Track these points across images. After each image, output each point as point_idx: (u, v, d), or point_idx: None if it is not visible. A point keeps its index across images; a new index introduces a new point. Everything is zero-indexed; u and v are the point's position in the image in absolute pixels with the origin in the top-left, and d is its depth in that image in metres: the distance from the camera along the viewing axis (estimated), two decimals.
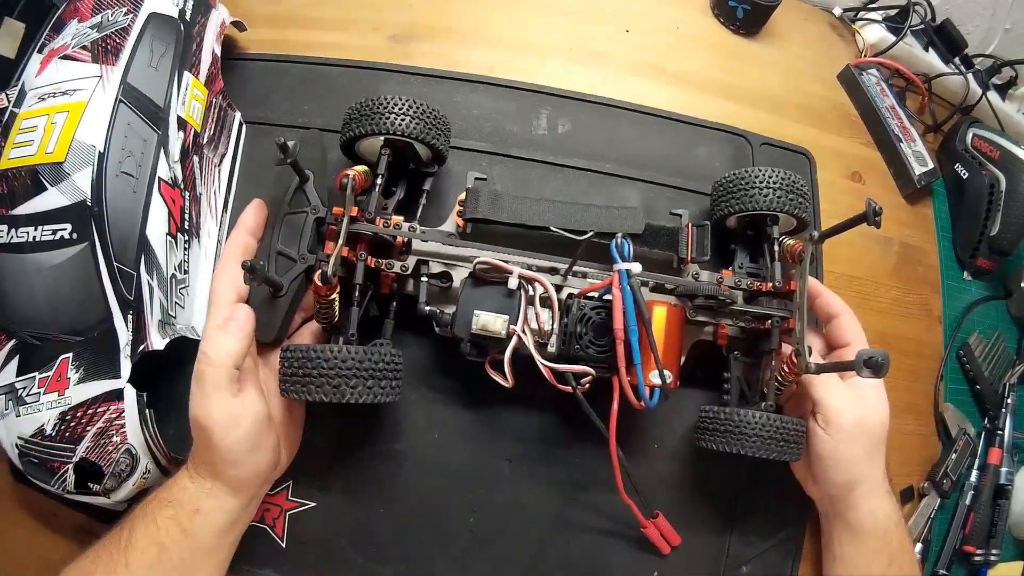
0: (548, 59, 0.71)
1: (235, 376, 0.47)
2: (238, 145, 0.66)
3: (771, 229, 0.58)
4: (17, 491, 0.59)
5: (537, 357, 0.50)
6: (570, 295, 0.52)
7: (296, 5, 0.72)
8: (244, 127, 0.67)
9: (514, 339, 0.50)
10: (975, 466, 0.75)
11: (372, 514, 0.57)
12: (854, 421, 0.54)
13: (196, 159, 0.60)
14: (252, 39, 0.69)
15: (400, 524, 0.57)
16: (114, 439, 0.51)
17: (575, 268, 0.53)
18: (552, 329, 0.52)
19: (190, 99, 0.60)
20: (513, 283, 0.51)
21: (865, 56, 0.81)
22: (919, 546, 0.69)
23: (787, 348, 0.54)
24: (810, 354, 0.53)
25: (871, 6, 0.86)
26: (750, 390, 0.57)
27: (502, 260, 0.52)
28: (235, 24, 0.68)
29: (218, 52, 0.64)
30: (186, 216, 0.58)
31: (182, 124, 0.58)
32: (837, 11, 0.85)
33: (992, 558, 0.74)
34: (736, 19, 0.76)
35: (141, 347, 0.51)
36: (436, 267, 0.54)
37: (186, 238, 0.58)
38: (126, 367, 0.51)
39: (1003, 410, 0.77)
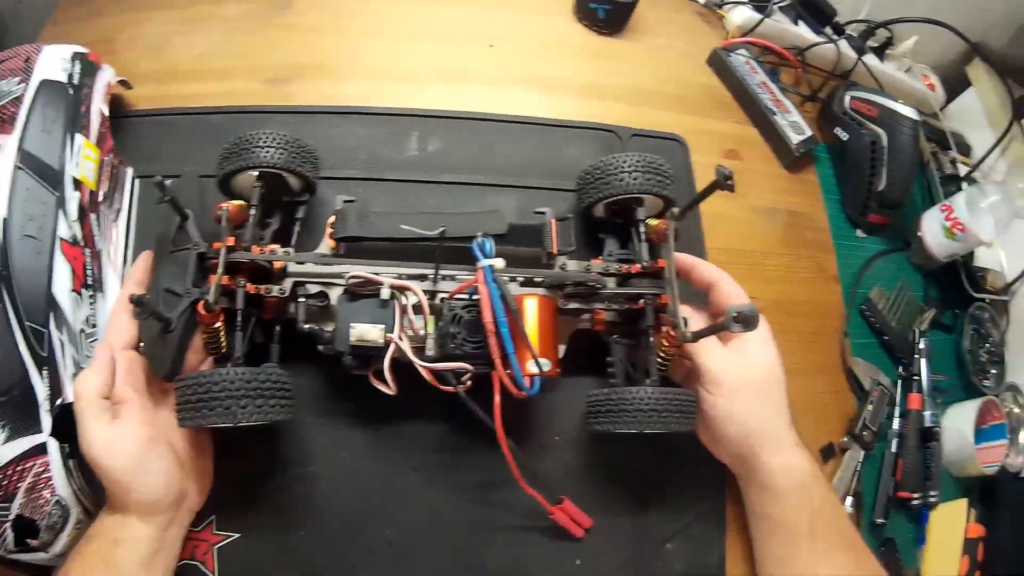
0: (418, 83, 0.75)
1: (104, 406, 0.51)
2: (132, 200, 0.69)
3: (636, 212, 0.61)
4: None
5: (415, 360, 0.53)
6: (441, 298, 0.56)
7: (178, 60, 0.76)
8: (136, 182, 0.70)
9: (392, 346, 0.53)
10: (895, 414, 0.78)
11: (295, 538, 0.59)
12: (736, 378, 0.56)
13: (93, 217, 0.62)
14: (139, 95, 0.73)
15: (323, 545, 0.59)
16: (44, 493, 0.52)
17: (444, 272, 0.57)
18: (428, 332, 0.55)
19: (83, 160, 0.62)
20: (386, 293, 0.54)
21: (732, 38, 0.86)
22: (849, 499, 0.72)
23: (666, 323, 0.57)
24: (687, 325, 0.56)
25: None
26: (635, 370, 0.60)
27: (373, 273, 0.55)
28: (121, 83, 0.71)
29: (106, 112, 0.67)
30: (89, 272, 0.60)
31: (77, 184, 0.60)
32: None
33: (932, 499, 0.77)
34: (599, 20, 0.81)
35: (58, 400, 0.53)
36: (313, 287, 0.57)
37: (91, 293, 0.60)
38: (46, 421, 0.52)
39: (916, 356, 0.80)
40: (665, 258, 0.57)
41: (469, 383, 0.55)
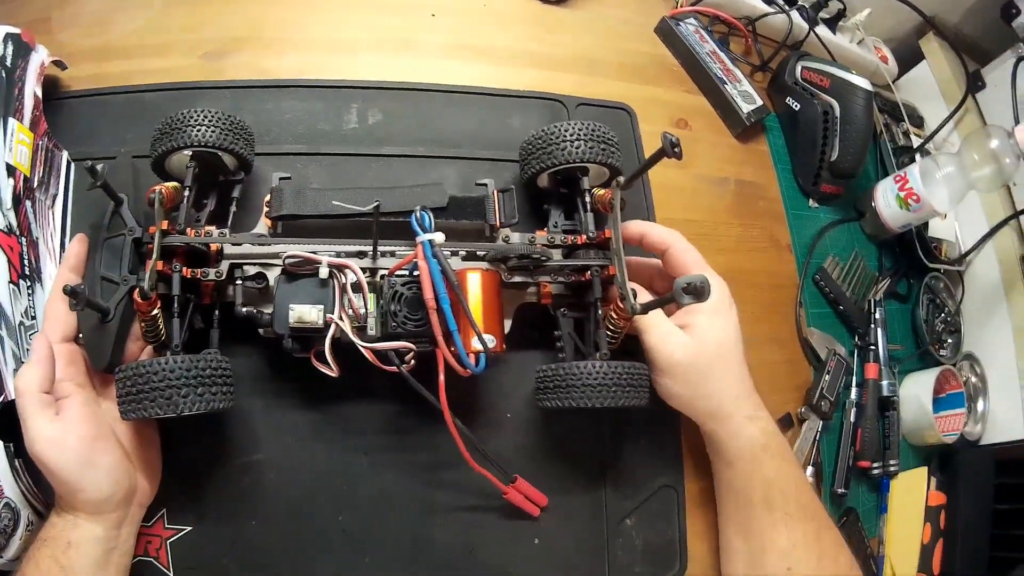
0: (358, 54, 0.74)
1: (46, 401, 0.49)
2: (68, 184, 0.67)
3: (581, 181, 0.61)
4: None
5: (356, 340, 0.53)
6: (381, 275, 0.55)
7: (115, 36, 0.74)
8: (72, 165, 0.67)
9: (332, 327, 0.52)
10: (853, 384, 0.79)
11: (247, 528, 0.59)
12: (681, 357, 0.57)
13: (29, 204, 0.60)
14: (74, 76, 0.71)
15: (275, 533, 0.59)
16: None
17: (384, 249, 0.56)
18: (369, 311, 0.54)
19: (16, 144, 0.60)
20: (324, 272, 0.53)
21: (681, 7, 0.86)
22: (810, 469, 0.73)
23: (615, 295, 0.57)
24: (636, 297, 0.56)
25: None
26: (584, 344, 0.59)
27: (311, 252, 0.54)
28: (56, 63, 0.69)
29: (40, 94, 0.65)
30: (26, 262, 0.58)
31: (11, 171, 0.58)
32: None
33: (892, 468, 0.78)
34: None
35: (1, 398, 0.52)
36: (251, 269, 0.56)
37: (29, 284, 0.58)
38: None
39: (872, 326, 0.82)
40: (611, 228, 0.57)
41: (412, 363, 0.54)
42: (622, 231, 0.58)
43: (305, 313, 0.52)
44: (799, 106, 0.85)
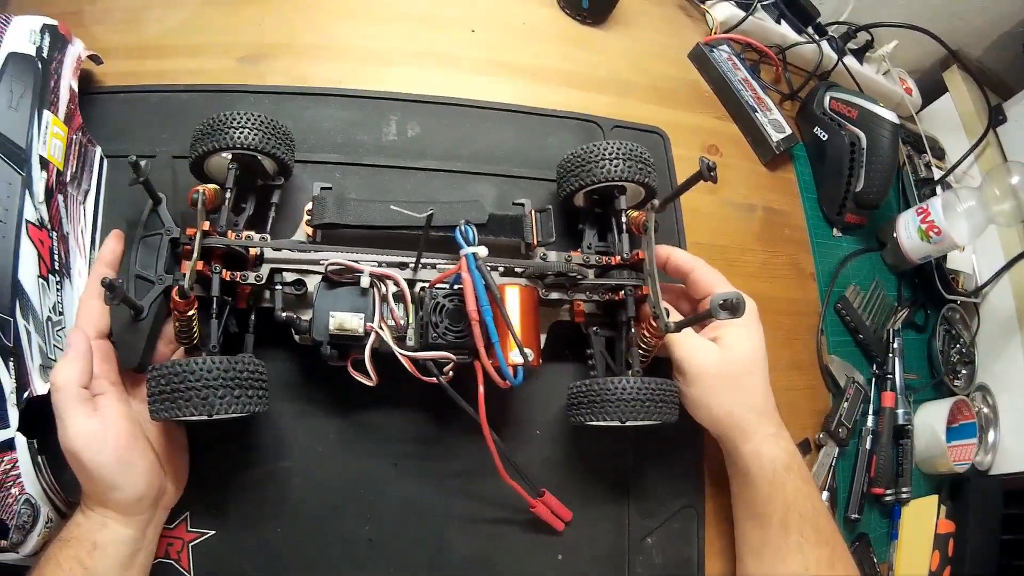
0: (396, 66, 0.75)
1: (85, 396, 0.49)
2: (100, 180, 0.67)
3: (617, 201, 0.62)
4: None
5: (396, 350, 0.53)
6: (422, 287, 0.56)
7: (151, 35, 0.75)
8: (105, 161, 0.68)
9: (372, 336, 0.53)
10: (870, 412, 0.81)
11: (271, 534, 0.59)
12: (708, 371, 0.58)
13: (61, 198, 0.60)
14: (109, 71, 0.71)
15: (300, 541, 0.59)
16: (12, 491, 0.50)
17: (425, 261, 0.57)
18: (408, 322, 0.55)
19: (51, 138, 0.59)
20: (365, 281, 0.54)
21: (715, 33, 0.88)
22: (825, 494, 0.74)
23: (647, 314, 0.58)
24: (668, 315, 0.57)
25: None
26: (615, 361, 0.61)
27: (352, 260, 0.55)
28: (91, 58, 0.69)
29: (75, 88, 0.65)
30: (56, 256, 0.58)
31: (44, 164, 0.58)
32: None
33: (904, 496, 0.79)
34: (582, 9, 0.81)
35: (25, 394, 0.51)
36: (290, 275, 0.57)
37: (58, 279, 0.58)
38: (14, 416, 0.50)
39: (890, 355, 0.83)
40: (645, 249, 0.58)
41: (451, 374, 0.55)
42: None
43: (346, 321, 0.53)
44: (827, 136, 0.86)
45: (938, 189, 0.93)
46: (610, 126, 0.74)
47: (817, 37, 0.94)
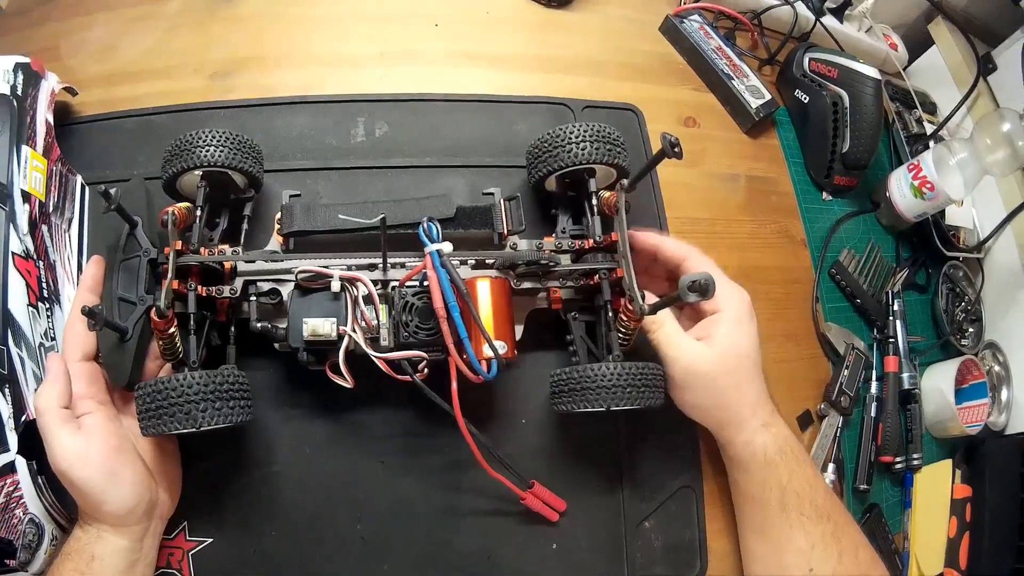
0: (364, 68, 0.76)
1: (66, 416, 0.52)
2: (83, 207, 0.69)
3: (588, 184, 0.62)
4: None
5: (369, 352, 0.54)
6: (393, 287, 0.57)
7: (125, 61, 0.76)
8: (86, 189, 0.70)
9: (346, 339, 0.54)
10: (872, 378, 0.80)
11: (267, 538, 0.61)
12: (697, 370, 0.58)
13: (45, 228, 0.63)
14: (85, 101, 0.74)
15: (294, 543, 0.61)
16: (16, 512, 0.53)
17: (395, 260, 0.57)
18: (380, 323, 0.56)
19: (31, 171, 0.62)
20: (336, 286, 0.55)
21: (684, 4, 0.87)
22: (831, 466, 0.74)
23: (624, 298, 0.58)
24: (644, 299, 0.57)
25: None
26: (597, 346, 0.61)
27: (322, 266, 0.56)
28: (66, 89, 0.71)
29: (51, 120, 0.67)
30: (44, 285, 0.61)
31: (26, 197, 0.61)
32: None
33: (915, 462, 0.79)
34: None
35: (23, 417, 0.54)
36: (264, 285, 0.58)
37: (47, 306, 0.61)
38: (13, 440, 0.53)
39: (891, 318, 0.82)
40: (618, 231, 0.58)
41: (426, 371, 0.56)
42: (635, 241, 0.60)
43: (319, 326, 0.54)
44: (808, 98, 0.85)
45: (931, 144, 0.91)
46: (581, 107, 0.74)
47: None
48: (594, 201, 0.62)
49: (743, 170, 0.80)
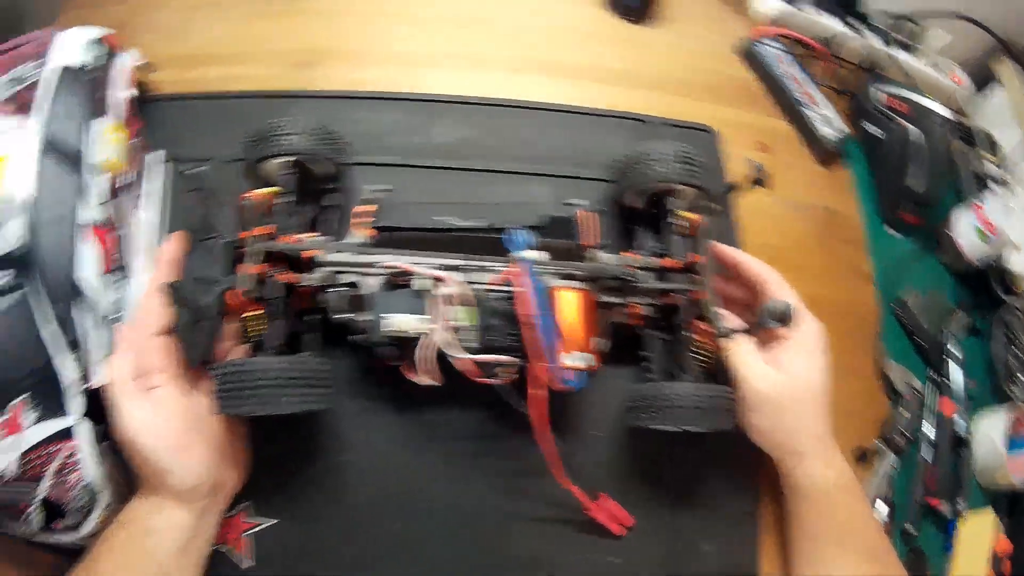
0: (447, 68, 0.76)
1: (137, 387, 0.52)
2: (158, 183, 0.70)
3: (670, 203, 0.62)
4: None
5: (450, 352, 0.54)
6: (478, 289, 0.56)
7: (197, 44, 0.77)
8: (163, 166, 0.71)
9: (427, 338, 0.54)
10: (928, 420, 0.79)
11: (328, 527, 0.61)
12: (768, 393, 0.58)
13: (119, 201, 0.64)
14: (162, 79, 0.74)
15: (356, 534, 0.61)
16: (71, 477, 0.54)
17: (481, 264, 0.57)
18: (464, 324, 0.55)
19: (107, 144, 0.63)
20: (421, 284, 0.55)
21: (761, 28, 0.87)
22: (882, 505, 0.73)
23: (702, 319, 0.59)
24: (722, 321, 0.58)
25: None
26: (672, 365, 0.61)
27: (408, 263, 0.56)
28: (143, 67, 0.72)
29: (130, 95, 0.68)
30: (115, 256, 0.62)
31: (103, 168, 0.62)
32: None
33: (960, 509, 0.78)
34: (626, 6, 0.82)
35: (87, 384, 0.55)
36: (347, 277, 0.58)
37: (117, 277, 0.62)
38: (76, 405, 0.54)
39: (948, 360, 0.81)
40: (700, 253, 0.59)
41: (511, 376, 0.56)
42: (717, 254, 0.61)
43: (401, 322, 0.54)
44: (880, 132, 0.85)
45: (992, 185, 0.91)
46: (657, 124, 0.75)
47: (862, 28, 0.93)
48: (676, 220, 0.62)
49: (814, 200, 0.80)
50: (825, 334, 0.61)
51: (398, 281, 0.56)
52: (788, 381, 0.58)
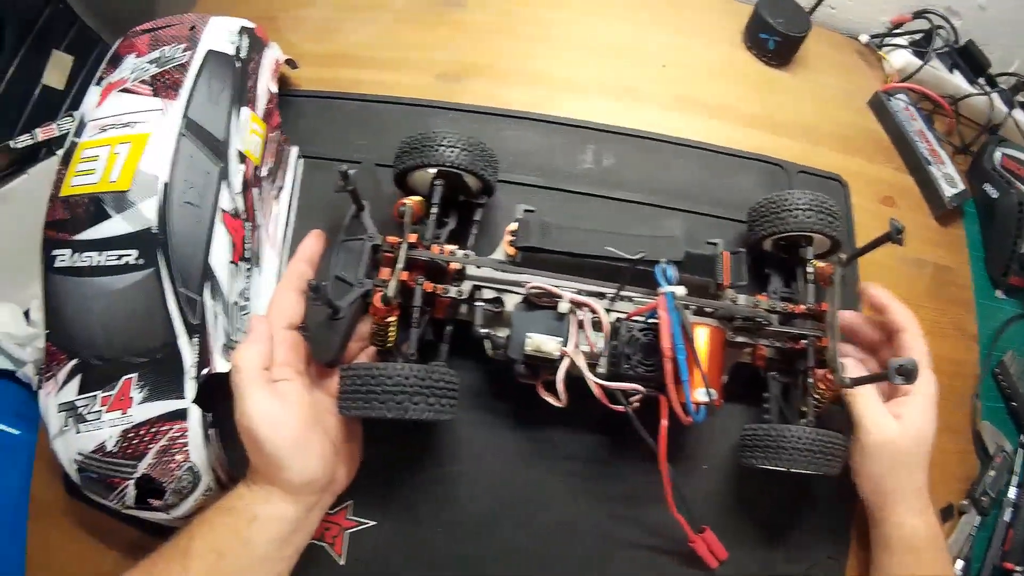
0: (589, 95, 0.78)
1: (265, 378, 0.53)
2: (295, 178, 0.72)
3: (804, 251, 0.64)
4: (71, 506, 0.63)
5: (589, 376, 0.57)
6: (618, 318, 0.59)
7: (346, 45, 0.80)
8: (300, 161, 0.73)
9: (566, 360, 0.57)
10: (1013, 483, 0.80)
11: (430, 533, 0.62)
12: (883, 439, 0.60)
13: (255, 191, 0.65)
14: (304, 76, 0.77)
15: (456, 544, 0.63)
16: (176, 457, 0.54)
17: (621, 292, 0.60)
18: (601, 350, 0.58)
19: (249, 133, 0.64)
20: (564, 307, 0.58)
21: (892, 82, 0.89)
22: (960, 563, 0.75)
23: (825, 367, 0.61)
24: (844, 371, 0.60)
25: (896, 32, 0.94)
26: (789, 408, 0.63)
27: (553, 285, 0.58)
28: (287, 62, 0.74)
29: (274, 89, 0.70)
30: (247, 245, 0.62)
31: (242, 157, 0.63)
32: (864, 38, 0.92)
33: None
34: (768, 51, 0.84)
35: (205, 370, 0.56)
36: (489, 292, 0.60)
37: (248, 266, 0.63)
38: (191, 388, 0.55)
39: None
40: (829, 302, 0.61)
41: (636, 404, 0.58)
42: (867, 295, 0.64)
43: (543, 344, 0.56)
44: (996, 194, 0.86)
45: None
46: (795, 171, 0.76)
47: (989, 89, 0.93)
48: (809, 268, 0.64)
49: (929, 256, 0.81)
50: (936, 389, 0.63)
51: (538, 302, 0.59)
52: (906, 432, 0.60)
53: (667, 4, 0.87)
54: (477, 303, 0.60)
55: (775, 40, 0.82)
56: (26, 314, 0.82)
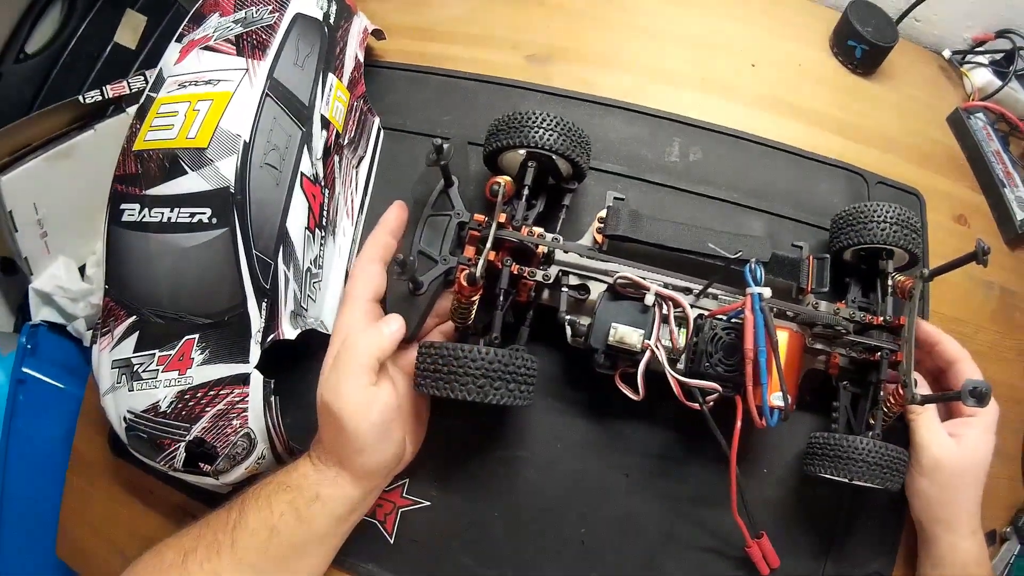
0: (678, 88, 0.79)
1: (375, 368, 0.53)
2: (376, 149, 0.72)
3: (885, 264, 0.65)
4: (113, 465, 0.64)
5: (669, 371, 0.57)
6: (700, 315, 0.60)
7: (435, 19, 0.80)
8: (382, 132, 0.73)
9: (648, 353, 0.58)
10: None
11: (486, 518, 0.63)
12: (942, 461, 0.61)
13: (336, 159, 0.65)
14: (391, 48, 0.77)
15: (512, 530, 0.63)
16: (234, 422, 0.55)
17: (708, 290, 0.60)
18: (683, 346, 0.59)
19: (333, 100, 0.65)
20: (650, 299, 0.58)
21: (972, 100, 0.89)
22: None
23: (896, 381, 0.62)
24: (916, 387, 0.61)
25: (977, 49, 0.94)
26: (856, 419, 0.64)
27: (641, 276, 0.59)
28: (375, 33, 0.74)
29: (360, 57, 0.70)
30: (324, 213, 0.63)
31: (325, 123, 0.63)
32: (947, 54, 0.92)
33: None
34: (854, 58, 0.84)
35: (272, 335, 0.56)
36: (574, 279, 0.61)
37: (323, 234, 0.63)
38: (255, 353, 0.55)
39: None
40: (907, 316, 0.61)
41: (712, 403, 0.59)
42: (919, 330, 0.63)
43: (627, 334, 0.57)
44: None
45: None
46: (875, 181, 0.77)
47: None
48: (889, 281, 0.65)
49: (994, 278, 0.82)
50: (998, 415, 0.64)
51: (623, 292, 0.59)
52: (965, 455, 0.62)
53: (758, 1, 0.88)
54: (563, 289, 0.60)
55: (863, 48, 0.82)
56: (81, 270, 0.83)
